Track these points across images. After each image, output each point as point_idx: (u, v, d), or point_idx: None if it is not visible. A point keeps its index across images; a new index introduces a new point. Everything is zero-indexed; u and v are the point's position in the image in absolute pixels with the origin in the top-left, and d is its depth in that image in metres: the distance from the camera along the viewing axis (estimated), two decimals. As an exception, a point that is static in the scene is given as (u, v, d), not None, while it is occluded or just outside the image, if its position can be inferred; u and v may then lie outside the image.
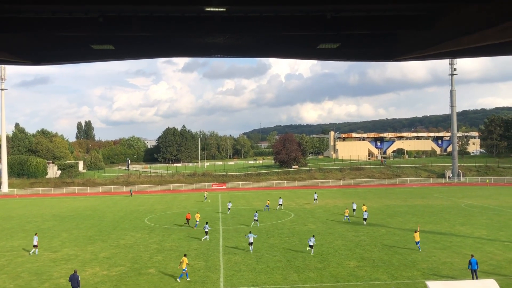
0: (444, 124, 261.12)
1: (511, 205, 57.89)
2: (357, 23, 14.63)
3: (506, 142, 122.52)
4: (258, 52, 19.78)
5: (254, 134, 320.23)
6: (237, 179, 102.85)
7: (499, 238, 37.73)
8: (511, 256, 31.37)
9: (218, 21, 13.96)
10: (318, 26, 14.51)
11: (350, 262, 30.39)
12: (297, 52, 18.86)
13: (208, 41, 16.39)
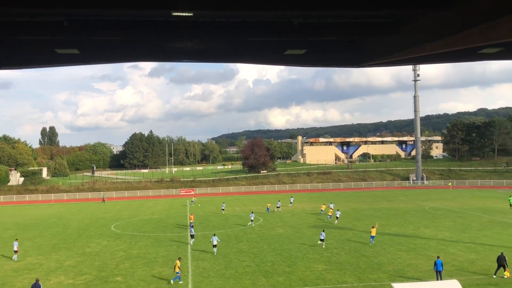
0: (408, 129, 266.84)
1: (473, 207, 59.63)
2: (324, 30, 14.82)
3: (468, 146, 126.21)
4: (225, 57, 19.78)
5: (222, 139, 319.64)
6: (206, 184, 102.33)
7: (462, 239, 38.78)
8: (473, 257, 32.28)
9: (186, 26, 13.90)
10: (285, 32, 14.63)
11: (318, 266, 30.65)
12: (265, 57, 18.95)
13: (175, 45, 16.30)
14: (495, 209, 57.18)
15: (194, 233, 40.79)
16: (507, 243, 36.56)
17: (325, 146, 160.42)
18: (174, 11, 11.94)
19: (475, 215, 52.38)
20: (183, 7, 11.61)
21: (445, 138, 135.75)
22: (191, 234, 40.38)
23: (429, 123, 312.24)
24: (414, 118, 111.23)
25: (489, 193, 78.91)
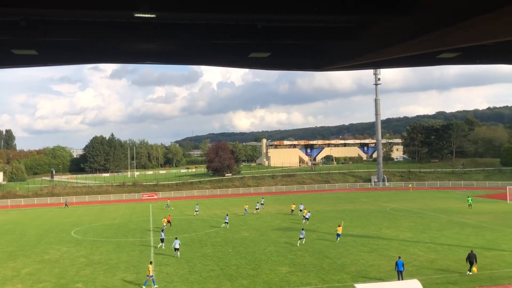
0: (369, 132, 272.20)
1: (433, 208, 61.30)
2: (287, 33, 14.93)
3: (427, 148, 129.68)
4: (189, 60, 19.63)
5: (186, 142, 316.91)
6: (169, 188, 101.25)
7: (422, 240, 39.77)
8: (433, 256, 33.15)
9: (148, 27, 13.73)
10: (249, 35, 14.66)
11: (283, 268, 30.78)
12: (229, 60, 18.93)
13: (138, 47, 16.08)
14: (454, 210, 58.97)
15: (164, 237, 40.10)
16: (465, 243, 37.74)
17: (289, 149, 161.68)
18: (136, 12, 11.77)
19: (435, 216, 53.86)
20: (146, 8, 11.45)
21: (405, 140, 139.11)
22: (161, 238, 39.83)
23: (389, 126, 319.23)
24: (375, 121, 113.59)
25: (447, 194, 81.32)
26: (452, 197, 76.20)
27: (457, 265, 30.45)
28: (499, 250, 34.56)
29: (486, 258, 32.00)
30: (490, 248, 35.46)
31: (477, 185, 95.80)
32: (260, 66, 20.12)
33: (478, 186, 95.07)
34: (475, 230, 43.39)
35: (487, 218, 50.70)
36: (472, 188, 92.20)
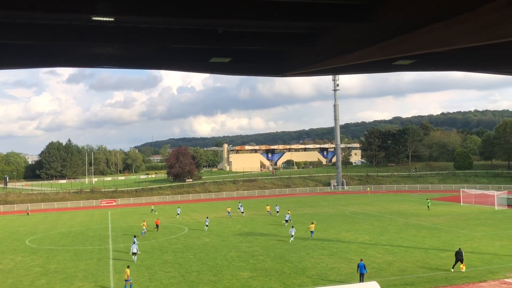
0: (329, 136, 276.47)
1: (390, 211, 62.75)
2: (248, 39, 15.01)
3: (384, 153, 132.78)
4: (149, 64, 19.42)
5: (146, 148, 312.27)
6: (128, 194, 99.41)
7: (380, 242, 40.63)
8: (390, 258, 33.91)
9: (107, 30, 13.50)
10: (210, 40, 14.65)
11: (244, 273, 30.75)
12: (189, 65, 18.84)
13: (96, 51, 15.78)
14: (410, 212, 60.57)
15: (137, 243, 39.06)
16: (421, 245, 38.82)
17: (250, 154, 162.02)
18: (95, 16, 11.56)
19: (392, 219, 55.16)
20: (104, 12, 11.26)
21: (363, 145, 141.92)
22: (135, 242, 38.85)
23: (348, 130, 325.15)
24: (335, 126, 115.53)
25: (404, 197, 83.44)
26: (408, 200, 78.23)
27: (414, 266, 31.27)
28: (453, 251, 35.57)
29: (441, 259, 33.02)
30: (445, 249, 36.60)
31: (432, 188, 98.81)
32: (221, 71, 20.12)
33: (433, 189, 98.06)
34: (430, 232, 44.69)
35: (442, 220, 52.35)
36: (427, 191, 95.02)
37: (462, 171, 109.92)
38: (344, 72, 22.45)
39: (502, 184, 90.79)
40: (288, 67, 18.71)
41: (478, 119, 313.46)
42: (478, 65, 19.94)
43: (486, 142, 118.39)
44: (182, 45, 15.43)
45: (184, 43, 14.88)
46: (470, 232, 44.25)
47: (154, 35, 14.22)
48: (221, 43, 14.86)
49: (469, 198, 69.05)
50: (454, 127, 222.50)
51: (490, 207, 62.34)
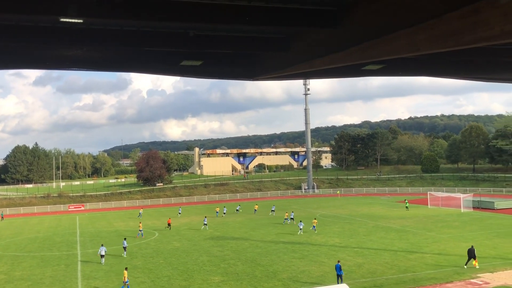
0: (300, 140, 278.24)
1: (360, 214, 63.58)
2: (219, 42, 15.01)
3: (354, 156, 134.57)
4: (119, 67, 19.18)
5: (115, 152, 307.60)
6: (97, 199, 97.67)
7: (350, 245, 41.11)
8: (360, 261, 34.34)
9: (75, 32, 13.28)
10: (181, 43, 14.59)
11: (215, 278, 30.63)
12: (160, 67, 18.71)
13: (64, 53, 15.50)
14: (379, 215, 61.52)
15: (126, 245, 39.78)
16: (390, 247, 39.46)
17: (222, 158, 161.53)
18: (63, 17, 11.37)
19: (362, 221, 55.89)
20: (72, 13, 11.08)
21: (333, 149, 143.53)
22: (123, 246, 39.61)
23: (318, 134, 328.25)
24: (305, 130, 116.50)
25: (373, 200, 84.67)
26: (377, 202, 79.41)
27: (383, 268, 31.76)
28: (421, 253, 36.45)
29: (409, 261, 33.64)
30: (413, 251, 37.32)
31: (400, 191, 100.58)
32: (192, 74, 20.05)
33: (401, 192, 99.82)
34: (399, 234, 45.49)
35: (410, 223, 53.35)
36: (396, 194, 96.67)
37: (429, 174, 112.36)
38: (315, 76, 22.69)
39: (468, 187, 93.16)
40: (260, 71, 18.79)
41: (444, 124, 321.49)
42: (444, 71, 20.48)
43: (452, 146, 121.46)
44: (153, 48, 15.31)
45: (155, 45, 14.78)
46: (437, 234, 45.23)
47: (125, 38, 14.08)
48: (192, 46, 14.82)
49: (436, 201, 70.60)
50: (421, 131, 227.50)
51: (456, 209, 63.88)
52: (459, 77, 23.68)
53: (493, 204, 64.81)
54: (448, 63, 18.22)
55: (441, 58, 16.63)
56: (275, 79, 20.32)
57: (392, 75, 20.73)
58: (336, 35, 13.00)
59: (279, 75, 18.54)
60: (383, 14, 10.93)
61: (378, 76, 20.88)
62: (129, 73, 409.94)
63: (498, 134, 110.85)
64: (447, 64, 18.47)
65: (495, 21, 8.78)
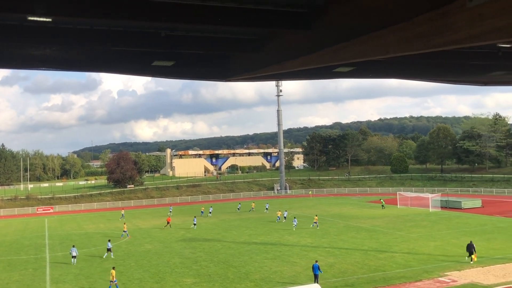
0: (272, 141, 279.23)
1: (331, 214, 64.21)
2: (191, 43, 14.92)
3: (325, 157, 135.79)
4: (88, 66, 18.86)
5: (85, 153, 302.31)
6: (66, 201, 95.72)
7: (322, 245, 41.47)
8: (331, 261, 34.68)
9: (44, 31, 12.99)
10: (152, 43, 14.45)
11: (187, 280, 30.43)
12: (131, 68, 18.48)
13: (32, 52, 15.14)
14: (350, 215, 62.26)
15: (111, 246, 39.72)
16: (361, 246, 39.98)
17: (194, 159, 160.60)
18: (31, 16, 11.11)
19: (333, 221, 56.45)
20: (41, 12, 10.84)
21: (305, 149, 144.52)
22: (108, 248, 39.49)
23: (291, 135, 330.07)
24: (278, 131, 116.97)
25: (344, 200, 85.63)
26: (348, 203, 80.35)
27: (354, 267, 32.15)
28: (391, 252, 37.06)
29: (380, 260, 34.16)
30: (383, 250, 37.92)
31: (371, 191, 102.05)
32: (163, 75, 19.88)
33: (371, 192, 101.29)
34: (369, 234, 46.13)
35: (380, 222, 54.18)
36: (366, 194, 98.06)
37: (399, 174, 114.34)
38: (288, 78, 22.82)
39: (436, 187, 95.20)
40: (232, 72, 18.77)
41: (413, 125, 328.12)
42: (413, 73, 20.89)
43: (421, 147, 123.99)
44: (124, 48, 15.10)
45: (126, 45, 14.58)
46: (406, 233, 46.06)
47: (95, 37, 13.85)
48: (164, 46, 14.69)
49: (405, 201, 71.88)
50: (391, 132, 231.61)
51: (425, 209, 65.19)
52: (428, 80, 24.19)
53: (460, 203, 66.41)
54: (417, 66, 18.58)
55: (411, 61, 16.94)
56: (248, 80, 20.33)
57: (362, 77, 21.03)
58: (308, 37, 13.10)
59: (252, 76, 18.57)
60: (354, 17, 11.07)
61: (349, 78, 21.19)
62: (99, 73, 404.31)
63: (465, 135, 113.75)
64: (416, 67, 18.83)
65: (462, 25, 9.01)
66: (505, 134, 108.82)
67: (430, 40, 10.01)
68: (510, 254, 34.73)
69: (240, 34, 14.97)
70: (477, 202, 68.05)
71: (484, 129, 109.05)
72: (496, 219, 54.78)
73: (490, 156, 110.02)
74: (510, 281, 27.21)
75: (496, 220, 53.50)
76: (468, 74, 21.09)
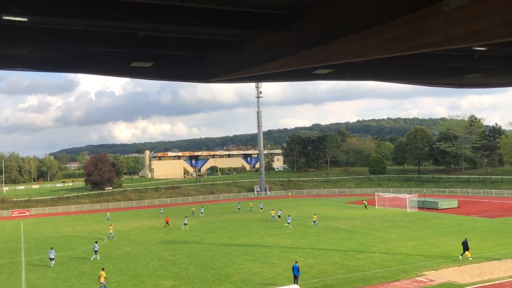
0: (252, 143, 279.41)
1: (310, 215, 64.38)
2: (170, 44, 14.85)
3: (305, 158, 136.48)
4: (66, 67, 18.57)
5: (62, 155, 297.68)
6: (43, 204, 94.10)
7: (301, 246, 41.64)
8: (311, 261, 34.84)
9: (20, 31, 12.76)
10: (131, 44, 14.32)
11: (166, 282, 30.21)
12: (109, 69, 18.27)
13: (7, 52, 14.85)
14: (329, 216, 62.65)
15: (98, 248, 39.68)
16: (340, 247, 40.27)
17: (173, 160, 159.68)
18: (5, 15, 10.90)
19: (312, 222, 56.68)
20: (16, 11, 10.65)
21: (285, 151, 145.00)
22: (94, 249, 39.37)
23: (271, 137, 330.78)
24: (258, 132, 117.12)
25: (323, 201, 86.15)
26: (327, 204, 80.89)
27: (333, 268, 32.36)
28: (369, 253, 37.42)
29: (358, 261, 34.46)
30: (362, 251, 38.26)
31: (349, 192, 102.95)
32: (142, 76, 19.72)
33: (350, 193, 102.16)
34: (348, 235, 46.51)
35: (359, 223, 54.66)
36: (345, 195, 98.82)
37: (377, 175, 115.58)
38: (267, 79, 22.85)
39: (413, 188, 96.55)
40: (212, 73, 18.72)
41: (391, 126, 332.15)
42: (391, 76, 21.14)
43: (398, 148, 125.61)
44: (102, 48, 14.93)
45: (104, 46, 14.42)
46: (384, 234, 46.57)
47: (72, 37, 13.66)
48: (142, 47, 14.58)
49: (383, 202, 72.70)
50: (369, 134, 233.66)
51: (402, 209, 66.03)
52: (405, 82, 24.52)
53: (437, 204, 67.46)
54: (395, 68, 18.82)
55: (389, 63, 17.15)
56: (228, 81, 20.31)
57: (342, 79, 21.20)
58: (287, 39, 13.16)
59: (232, 78, 18.54)
60: (332, 20, 11.16)
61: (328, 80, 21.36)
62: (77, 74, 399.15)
63: (441, 137, 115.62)
64: (394, 69, 19.07)
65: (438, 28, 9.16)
66: (480, 135, 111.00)
67: (407, 43, 10.14)
68: (485, 253, 35.45)
69: (220, 36, 14.97)
70: (454, 203, 69.21)
71: (460, 130, 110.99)
72: (472, 219, 55.81)
73: (466, 157, 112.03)
74: (485, 279, 27.75)
75: (472, 220, 54.49)
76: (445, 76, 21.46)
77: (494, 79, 22.72)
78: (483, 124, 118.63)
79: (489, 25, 8.17)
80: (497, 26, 8.04)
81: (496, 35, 8.25)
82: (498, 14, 7.91)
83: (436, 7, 9.02)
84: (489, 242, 40.09)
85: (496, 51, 16.70)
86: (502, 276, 28.31)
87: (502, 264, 31.60)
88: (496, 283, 27.04)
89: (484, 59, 17.01)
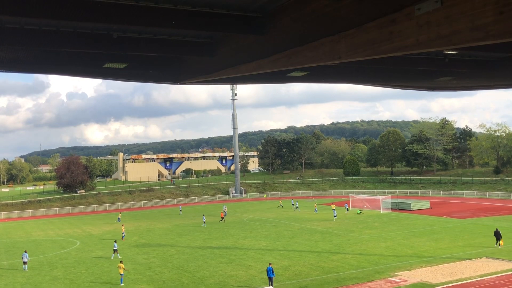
0: (227, 145, 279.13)
1: (285, 217, 64.73)
2: (144, 45, 14.73)
3: (280, 160, 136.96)
4: (37, 68, 18.22)
5: (33, 157, 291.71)
6: (13, 208, 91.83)
7: (276, 247, 41.72)
8: (286, 263, 34.94)
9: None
10: (104, 45, 14.16)
11: (140, 286, 29.86)
12: (81, 70, 18.01)
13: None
14: (304, 218, 62.97)
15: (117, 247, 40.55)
16: (315, 248, 40.51)
17: (148, 163, 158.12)
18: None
19: (287, 224, 56.93)
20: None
21: (260, 153, 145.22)
22: (114, 249, 40.47)
23: (246, 139, 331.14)
24: (233, 134, 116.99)
25: (298, 203, 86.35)
26: (302, 205, 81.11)
27: (308, 270, 32.52)
28: (343, 254, 37.75)
29: (333, 262, 34.72)
30: (336, 252, 38.57)
31: (324, 194, 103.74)
32: (116, 77, 19.51)
33: (324, 194, 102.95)
34: (322, 236, 46.82)
35: (333, 224, 55.10)
36: (320, 196, 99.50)
37: (351, 177, 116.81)
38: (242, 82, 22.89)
39: (386, 189, 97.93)
40: (187, 75, 18.64)
41: (364, 129, 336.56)
42: (364, 78, 21.44)
43: (372, 150, 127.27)
44: (74, 49, 14.71)
45: (76, 47, 14.22)
46: (358, 235, 47.06)
47: (43, 38, 13.42)
48: (116, 48, 14.43)
49: (357, 203, 73.45)
50: (343, 136, 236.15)
51: (376, 210, 66.86)
52: (378, 85, 24.88)
53: (410, 205, 68.53)
54: (368, 71, 19.09)
55: (362, 66, 17.38)
56: (203, 83, 20.25)
57: (316, 81, 21.39)
58: (262, 42, 13.20)
59: (206, 80, 18.50)
60: (305, 23, 11.24)
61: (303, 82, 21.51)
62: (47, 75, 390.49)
63: (413, 139, 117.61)
64: (367, 72, 19.34)
65: (410, 32, 9.33)
66: (452, 137, 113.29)
67: (379, 46, 10.30)
68: (457, 253, 36.17)
69: (194, 37, 14.92)
70: (426, 204, 70.41)
71: (432, 132, 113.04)
72: (444, 219, 56.90)
73: (437, 159, 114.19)
74: (456, 279, 28.31)
75: (444, 221, 55.55)
76: (416, 79, 21.86)
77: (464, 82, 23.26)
78: (454, 126, 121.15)
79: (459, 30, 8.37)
80: (467, 30, 8.24)
81: (465, 39, 8.45)
82: (468, 19, 8.11)
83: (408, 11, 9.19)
84: (460, 242, 40.93)
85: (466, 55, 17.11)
86: (472, 276, 28.94)
87: (472, 264, 32.30)
88: (467, 282, 27.63)
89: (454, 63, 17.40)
